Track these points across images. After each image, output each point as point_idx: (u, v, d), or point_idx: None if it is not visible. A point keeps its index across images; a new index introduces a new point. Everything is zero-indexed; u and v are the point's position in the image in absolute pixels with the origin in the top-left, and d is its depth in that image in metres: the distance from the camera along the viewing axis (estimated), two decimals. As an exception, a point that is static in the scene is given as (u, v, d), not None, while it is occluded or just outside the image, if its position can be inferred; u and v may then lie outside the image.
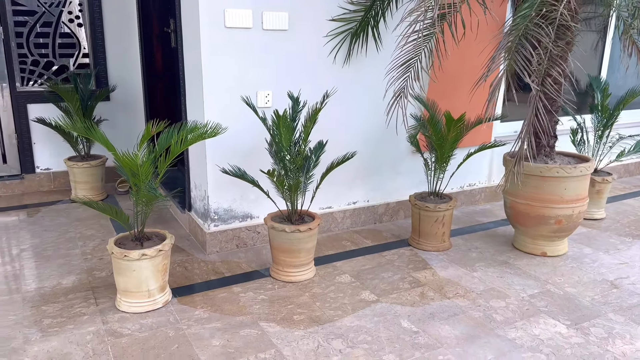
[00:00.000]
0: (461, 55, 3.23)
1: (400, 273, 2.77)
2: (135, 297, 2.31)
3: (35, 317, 2.27)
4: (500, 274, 2.77)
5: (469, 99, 2.98)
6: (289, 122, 2.46)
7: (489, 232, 3.41)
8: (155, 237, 2.42)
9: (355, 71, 3.09)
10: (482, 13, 2.47)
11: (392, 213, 3.55)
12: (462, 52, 3.18)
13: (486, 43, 2.78)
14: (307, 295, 2.51)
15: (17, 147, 3.98)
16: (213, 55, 2.69)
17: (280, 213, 2.71)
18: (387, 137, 3.32)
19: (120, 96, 4.24)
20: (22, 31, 3.82)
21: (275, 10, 2.78)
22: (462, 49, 3.11)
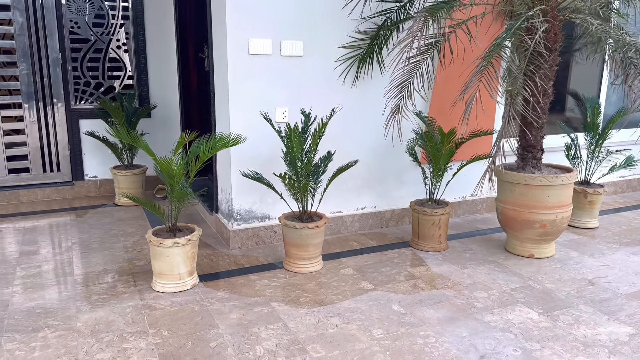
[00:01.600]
0: (459, 76, 3.60)
1: (397, 268, 3.13)
2: (167, 279, 2.75)
3: (85, 294, 2.73)
4: (488, 271, 3.10)
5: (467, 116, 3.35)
6: (299, 134, 2.89)
7: (485, 237, 3.74)
8: (186, 230, 2.86)
9: (362, 91, 3.51)
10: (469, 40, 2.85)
11: (398, 219, 3.92)
12: (460, 72, 3.55)
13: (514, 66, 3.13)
14: (313, 283, 2.90)
15: (69, 157, 4.54)
16: (238, 78, 3.15)
17: (293, 213, 3.12)
18: (392, 150, 3.70)
19: (159, 113, 4.78)
20: (77, 56, 4.40)
21: (292, 40, 3.24)
22: (460, 70, 3.48)
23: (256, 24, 3.12)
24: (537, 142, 3.24)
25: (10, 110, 4.30)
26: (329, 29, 3.32)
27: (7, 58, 4.19)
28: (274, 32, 3.18)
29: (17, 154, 4.40)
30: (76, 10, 4.31)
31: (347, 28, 3.37)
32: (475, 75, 2.43)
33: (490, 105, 3.65)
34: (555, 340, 2.34)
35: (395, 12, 3.31)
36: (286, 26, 3.20)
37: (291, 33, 3.23)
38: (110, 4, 4.42)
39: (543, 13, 2.89)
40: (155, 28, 4.61)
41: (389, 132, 3.02)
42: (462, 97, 2.47)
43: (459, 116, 3.63)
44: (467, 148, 3.54)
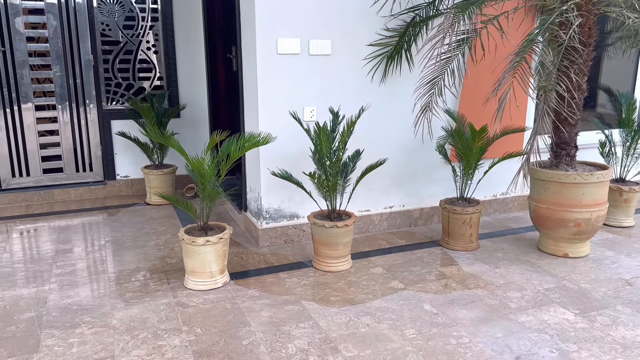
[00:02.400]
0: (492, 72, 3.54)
1: (428, 267, 3.11)
2: (200, 276, 2.78)
3: (119, 292, 2.78)
4: (521, 271, 3.05)
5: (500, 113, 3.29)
6: (328, 133, 2.89)
7: (517, 236, 3.67)
8: (217, 228, 2.89)
9: (390, 89, 3.49)
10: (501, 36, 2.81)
11: (427, 217, 3.89)
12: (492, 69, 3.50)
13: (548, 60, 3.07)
14: (343, 282, 2.89)
15: (101, 157, 4.63)
16: (267, 77, 3.17)
17: (321, 212, 3.12)
18: (421, 148, 3.67)
19: (188, 113, 4.84)
20: (108, 58, 4.49)
21: (320, 39, 3.23)
22: (491, 67, 3.43)
23: (285, 24, 3.13)
24: (571, 138, 3.17)
25: (44, 112, 4.40)
26: (357, 27, 3.31)
27: (41, 61, 4.30)
28: (302, 31, 3.18)
29: (51, 155, 4.50)
30: (107, 12, 4.39)
31: (375, 26, 3.35)
32: (509, 72, 2.38)
33: (521, 102, 3.59)
34: (592, 341, 2.29)
35: (424, 8, 3.28)
36: (314, 25, 3.20)
37: (319, 32, 3.22)
38: (140, 5, 4.49)
39: (577, 7, 2.82)
40: (184, 29, 4.66)
41: (418, 129, 2.99)
42: (495, 94, 2.43)
43: (489, 113, 3.57)
44: (499, 145, 3.48)
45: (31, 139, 4.37)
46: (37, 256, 3.27)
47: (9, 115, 4.26)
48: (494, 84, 2.49)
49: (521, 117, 3.77)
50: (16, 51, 4.17)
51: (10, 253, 3.33)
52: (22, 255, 3.30)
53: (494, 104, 3.27)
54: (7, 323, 2.44)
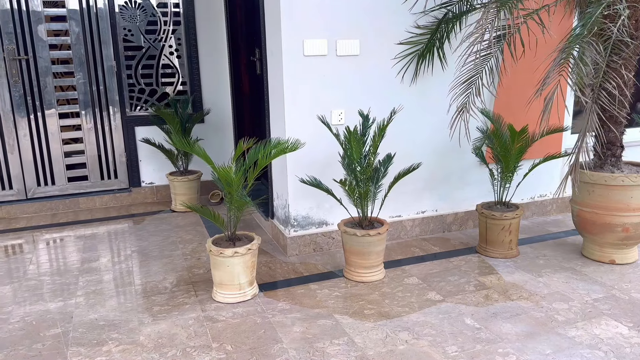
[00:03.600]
0: (529, 70, 3.37)
1: (466, 277, 2.95)
2: (228, 289, 2.68)
3: (146, 305, 2.70)
4: (566, 280, 2.87)
5: (537, 112, 3.12)
6: (359, 137, 2.76)
7: (559, 241, 3.49)
8: (245, 238, 2.79)
9: (422, 89, 3.34)
10: (542, 32, 2.63)
11: (461, 222, 3.72)
12: (530, 66, 3.32)
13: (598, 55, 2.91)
14: (377, 294, 2.76)
15: (126, 165, 4.58)
16: (293, 80, 3.05)
17: (352, 219, 2.99)
18: (454, 149, 3.51)
19: (212, 118, 4.76)
20: (131, 64, 4.43)
21: (348, 39, 3.10)
22: (529, 64, 3.25)
23: (311, 25, 3.01)
24: (617, 138, 2.98)
25: (68, 120, 4.37)
26: (386, 25, 3.17)
27: (64, 68, 4.26)
28: (329, 31, 3.06)
29: (75, 162, 4.47)
30: (129, 17, 4.33)
31: (405, 23, 3.20)
32: (554, 69, 2.22)
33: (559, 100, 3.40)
34: (653, 359, 2.11)
35: (457, 4, 3.12)
36: (342, 25, 3.07)
37: (347, 32, 3.09)
38: (162, 10, 4.42)
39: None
40: (207, 33, 4.58)
41: (454, 131, 2.84)
42: (540, 94, 2.26)
43: (527, 112, 3.40)
44: (537, 145, 3.30)
45: (55, 147, 4.35)
46: (63, 268, 3.22)
47: (33, 123, 4.24)
48: (537, 83, 2.32)
49: (559, 115, 3.58)
50: (39, 59, 4.14)
51: (36, 265, 3.29)
52: (49, 266, 3.24)
53: (535, 103, 3.10)
54: (34, 340, 2.38)
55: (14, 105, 4.14)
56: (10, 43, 4.03)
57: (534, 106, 3.26)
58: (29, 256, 3.44)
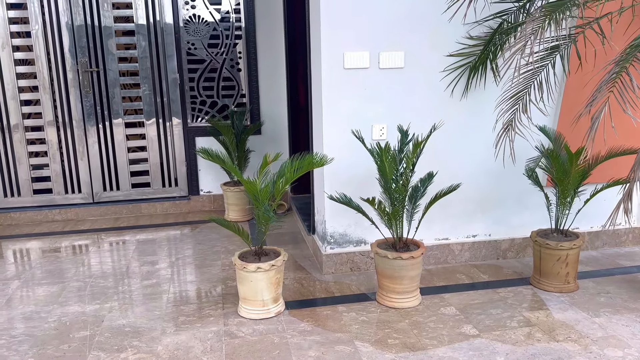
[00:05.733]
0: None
1: (510, 311, 2.68)
2: (252, 304, 2.63)
3: (173, 314, 2.72)
4: (628, 323, 2.52)
5: (593, 133, 2.79)
6: (393, 154, 2.61)
7: (629, 277, 3.08)
8: (272, 254, 2.73)
9: (473, 104, 3.11)
10: (601, 42, 2.34)
11: (518, 249, 3.42)
12: (598, 79, 2.99)
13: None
14: (406, 322, 2.58)
15: (186, 173, 4.72)
16: (332, 93, 2.97)
17: (386, 240, 2.84)
18: (511, 170, 3.23)
19: (269, 130, 4.79)
20: (193, 77, 4.57)
21: (392, 50, 2.97)
22: (600, 77, 2.92)
23: (352, 36, 2.92)
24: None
25: (133, 129, 4.59)
26: (434, 36, 2.99)
27: (131, 80, 4.49)
28: (371, 43, 2.94)
29: (139, 170, 4.68)
30: (193, 32, 4.48)
31: (456, 34, 3.01)
32: (605, 85, 1.95)
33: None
34: None
35: (514, 13, 2.88)
36: (385, 36, 2.94)
37: (391, 43, 2.96)
38: (225, 24, 4.53)
39: None
40: (266, 46, 4.63)
41: (499, 150, 2.60)
42: (589, 110, 2.00)
43: (602, 131, 3.05)
44: (608, 169, 2.96)
45: (121, 155, 4.58)
46: (109, 271, 3.35)
47: (101, 131, 4.49)
48: (589, 98, 2.05)
49: (637, 135, 3.18)
50: (108, 71, 4.39)
51: (87, 266, 3.45)
52: (98, 269, 3.39)
53: (605, 120, 2.77)
54: (62, 341, 2.47)
55: (84, 114, 4.42)
56: (83, 56, 4.32)
57: (606, 124, 2.92)
58: (82, 257, 3.62)
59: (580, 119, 3.06)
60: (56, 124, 4.42)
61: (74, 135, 4.46)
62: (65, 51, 4.30)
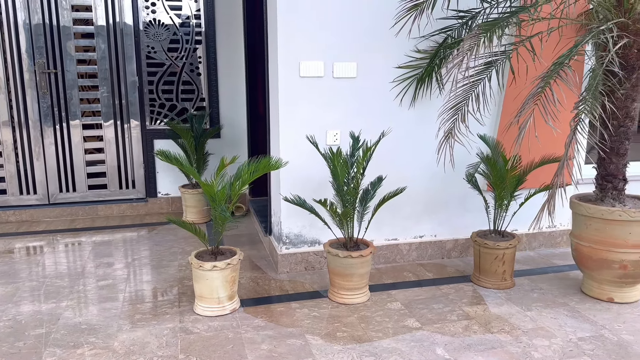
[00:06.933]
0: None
1: (451, 306, 2.88)
2: (207, 302, 2.73)
3: (129, 312, 2.79)
4: (555, 315, 2.76)
5: (544, 140, 3.02)
6: (345, 158, 2.78)
7: (561, 275, 3.35)
8: (229, 253, 2.84)
9: (420, 112, 3.32)
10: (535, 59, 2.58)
11: (462, 249, 3.64)
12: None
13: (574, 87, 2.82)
14: (355, 317, 2.74)
15: (144, 175, 4.76)
16: (288, 100, 3.11)
17: (338, 240, 2.99)
18: (455, 174, 3.45)
19: (229, 133, 4.88)
20: (153, 80, 4.63)
21: (345, 61, 3.14)
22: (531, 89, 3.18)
23: (308, 47, 3.07)
24: (618, 170, 2.86)
25: (91, 131, 4.60)
26: (385, 49, 3.19)
27: (90, 82, 4.51)
28: (326, 54, 3.11)
29: (96, 171, 4.69)
30: (153, 36, 4.54)
31: (405, 47, 3.21)
32: (532, 98, 2.17)
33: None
34: (623, 406, 1.99)
35: (457, 29, 3.11)
36: (339, 48, 3.11)
37: (344, 54, 3.13)
38: (185, 29, 4.61)
39: (623, 27, 2.55)
40: (227, 52, 4.73)
41: (441, 156, 2.80)
42: (517, 121, 2.22)
43: (535, 139, 3.30)
44: (543, 175, 3.21)
45: (78, 156, 4.58)
46: (65, 271, 3.37)
47: (58, 132, 4.48)
48: (518, 109, 2.28)
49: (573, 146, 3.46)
50: (67, 72, 4.39)
51: (43, 267, 3.46)
52: (53, 269, 3.41)
53: (541, 130, 3.01)
54: (17, 338, 2.50)
55: (41, 115, 4.41)
56: (40, 57, 4.31)
57: (545, 136, 3.17)
58: (38, 258, 3.62)
59: (513, 127, 3.32)
60: (11, 124, 4.39)
61: (30, 136, 4.43)
62: (22, 52, 4.29)
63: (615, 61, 2.29)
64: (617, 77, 2.46)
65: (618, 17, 2.56)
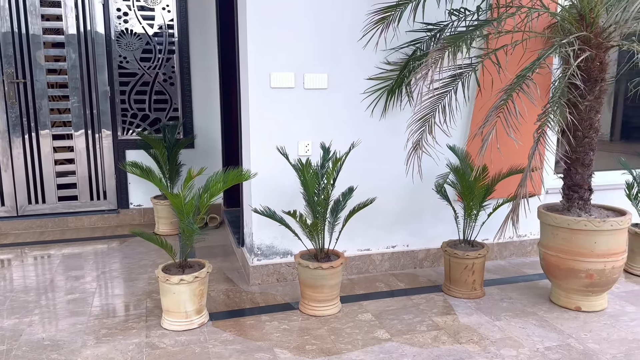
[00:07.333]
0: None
1: (421, 316, 2.89)
2: (174, 316, 2.69)
3: (95, 327, 2.73)
4: (524, 325, 2.78)
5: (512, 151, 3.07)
6: (315, 169, 2.77)
7: (530, 284, 3.38)
8: (197, 266, 2.81)
9: (391, 123, 3.34)
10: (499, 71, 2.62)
11: (433, 259, 3.66)
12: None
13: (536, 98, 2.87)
14: (325, 329, 2.72)
15: (115, 186, 4.69)
16: (259, 111, 3.10)
17: (308, 251, 2.98)
18: (427, 184, 3.47)
19: (202, 144, 4.85)
20: (125, 89, 4.58)
21: (316, 72, 3.15)
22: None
23: (278, 58, 3.07)
24: (583, 180, 2.91)
25: (61, 141, 4.53)
26: (356, 60, 3.20)
27: (60, 92, 4.44)
28: (297, 65, 3.11)
29: (67, 183, 4.61)
30: (125, 45, 4.50)
31: (376, 59, 3.23)
32: (495, 110, 2.20)
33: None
34: (586, 416, 2.01)
35: (426, 42, 3.14)
36: (310, 59, 3.12)
37: (315, 66, 3.14)
38: (158, 39, 4.57)
39: (586, 40, 2.61)
40: (200, 61, 4.71)
41: (409, 167, 2.82)
42: (481, 132, 2.25)
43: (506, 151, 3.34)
44: (512, 184, 3.24)
45: (48, 167, 4.49)
46: (31, 285, 3.30)
47: (27, 143, 4.40)
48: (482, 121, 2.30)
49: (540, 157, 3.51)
50: (36, 82, 4.32)
51: (9, 281, 3.38)
52: (20, 283, 3.33)
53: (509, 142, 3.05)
54: (-23, 356, 2.43)
55: (9, 125, 4.32)
56: (9, 66, 4.23)
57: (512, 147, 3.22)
58: (4, 272, 3.53)
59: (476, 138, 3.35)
60: (-22, 135, 4.30)
61: (-4, 147, 4.34)
62: (-11, 61, 4.21)
63: (577, 74, 2.33)
64: (579, 90, 2.50)
65: (580, 30, 2.62)
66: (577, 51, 2.39)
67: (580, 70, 2.51)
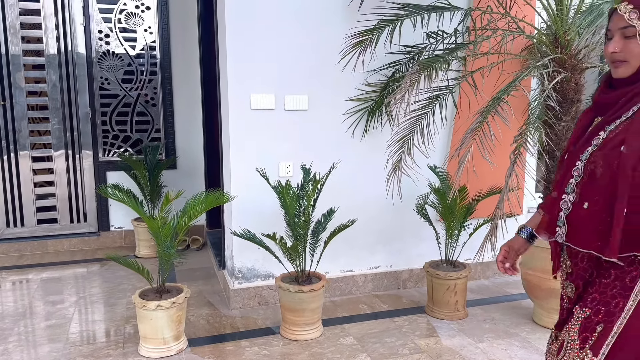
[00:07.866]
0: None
1: (404, 339, 2.86)
2: (152, 343, 2.64)
3: (72, 355, 2.66)
4: (507, 346, 2.76)
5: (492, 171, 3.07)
6: (296, 191, 2.76)
7: (514, 304, 3.37)
8: (175, 291, 2.76)
9: (372, 144, 3.34)
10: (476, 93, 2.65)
11: (417, 280, 3.64)
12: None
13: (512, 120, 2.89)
14: (305, 354, 2.68)
15: (96, 208, 4.63)
16: (240, 132, 3.09)
17: (289, 274, 2.95)
18: (408, 204, 3.46)
19: (185, 165, 4.82)
20: (106, 111, 4.55)
21: (297, 94, 3.15)
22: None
23: (258, 80, 3.08)
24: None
25: (41, 163, 4.47)
26: (336, 82, 3.22)
27: (40, 114, 4.40)
28: (277, 87, 3.12)
29: (46, 205, 4.54)
30: (107, 67, 4.48)
31: (356, 81, 3.25)
32: (471, 132, 2.22)
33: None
34: None
35: (405, 64, 3.16)
36: (290, 81, 3.13)
37: (296, 87, 3.15)
38: (140, 60, 4.57)
39: (560, 62, 2.65)
40: (183, 83, 4.70)
41: (389, 188, 2.82)
42: (458, 154, 2.25)
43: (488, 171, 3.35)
44: (493, 204, 3.25)
45: (27, 190, 4.43)
46: (7, 312, 3.21)
47: (6, 165, 4.34)
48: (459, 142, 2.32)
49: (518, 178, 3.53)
50: (16, 104, 4.28)
51: (-18, 307, 3.29)
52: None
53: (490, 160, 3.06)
54: (-55, 388, 2.35)
55: (-13, 147, 4.27)
56: (-13, 89, 4.19)
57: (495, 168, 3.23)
58: (-22, 298, 3.45)
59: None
60: (-45, 158, 4.23)
61: (-26, 170, 4.28)
62: (-33, 83, 4.17)
63: (552, 96, 2.36)
64: (554, 111, 2.53)
65: (556, 52, 2.66)
66: (553, 73, 2.42)
67: (556, 92, 2.54)
